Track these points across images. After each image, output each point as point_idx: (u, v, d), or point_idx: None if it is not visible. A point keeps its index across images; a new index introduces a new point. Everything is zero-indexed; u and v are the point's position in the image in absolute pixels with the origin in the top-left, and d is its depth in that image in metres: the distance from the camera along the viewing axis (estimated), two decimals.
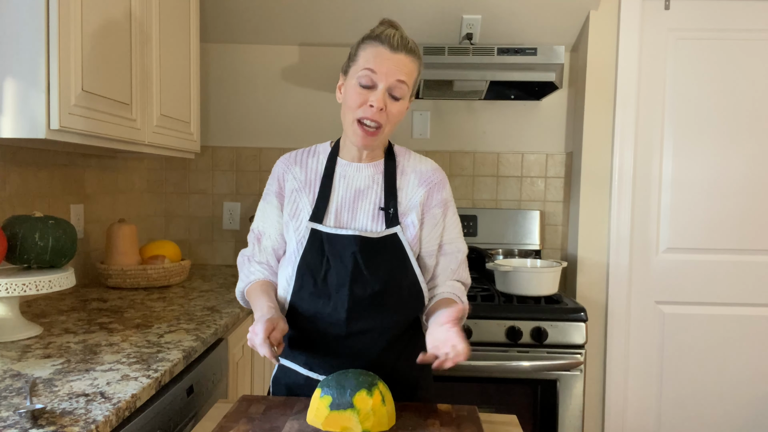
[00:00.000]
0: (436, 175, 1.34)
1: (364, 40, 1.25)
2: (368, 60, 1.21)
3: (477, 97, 2.69)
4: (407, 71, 1.22)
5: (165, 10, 2.02)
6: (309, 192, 1.32)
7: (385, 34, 1.22)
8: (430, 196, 1.32)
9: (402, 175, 1.33)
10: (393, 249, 1.27)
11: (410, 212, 1.30)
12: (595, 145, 2.57)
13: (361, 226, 1.28)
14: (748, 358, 2.57)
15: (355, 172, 1.32)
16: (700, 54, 2.53)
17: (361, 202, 1.29)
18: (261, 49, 2.76)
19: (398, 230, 1.28)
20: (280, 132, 2.78)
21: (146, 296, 2.01)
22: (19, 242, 1.45)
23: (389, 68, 1.20)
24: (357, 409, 1.03)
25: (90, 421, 0.97)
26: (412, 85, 1.25)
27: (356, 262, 1.23)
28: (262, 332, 1.10)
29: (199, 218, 2.83)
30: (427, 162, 1.37)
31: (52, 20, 1.41)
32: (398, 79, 1.21)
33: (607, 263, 2.58)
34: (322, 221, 1.28)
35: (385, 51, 1.21)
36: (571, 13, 2.54)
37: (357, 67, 1.23)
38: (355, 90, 1.22)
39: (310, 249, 1.26)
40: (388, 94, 1.22)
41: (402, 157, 1.35)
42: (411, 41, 1.24)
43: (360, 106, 1.22)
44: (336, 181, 1.32)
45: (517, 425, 1.17)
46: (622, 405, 2.59)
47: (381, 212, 1.28)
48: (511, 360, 2.09)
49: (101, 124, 1.62)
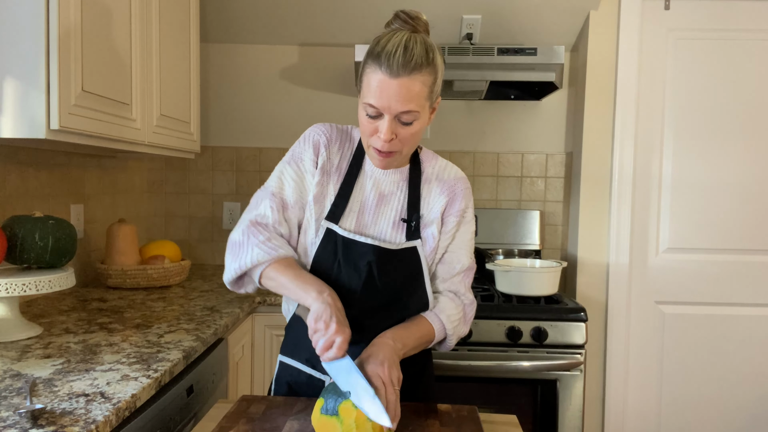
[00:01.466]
0: (459, 185, 1.27)
1: (367, 58, 1.13)
2: (370, 91, 1.11)
3: (477, 97, 2.69)
4: (413, 96, 1.10)
5: (165, 10, 2.02)
6: (336, 182, 1.23)
7: (386, 52, 1.09)
8: (450, 205, 1.26)
9: (426, 183, 1.27)
10: (409, 261, 1.23)
11: (431, 224, 1.25)
12: (595, 145, 2.57)
13: (380, 232, 1.23)
14: (748, 358, 2.57)
15: (383, 176, 1.25)
16: (700, 54, 2.53)
17: (385, 207, 1.24)
18: (261, 49, 2.76)
19: (418, 243, 1.23)
20: (280, 132, 2.78)
21: (146, 296, 2.01)
22: (19, 242, 1.45)
23: (390, 99, 1.09)
24: (340, 418, 0.99)
25: (90, 421, 0.97)
26: (426, 100, 1.13)
27: (371, 271, 1.19)
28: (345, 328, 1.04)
29: (199, 218, 2.83)
30: (452, 170, 1.30)
31: (52, 20, 1.41)
32: (403, 111, 1.10)
33: (607, 263, 2.58)
34: (338, 221, 1.21)
35: (385, 78, 1.08)
36: (571, 13, 2.55)
37: (362, 92, 1.14)
38: (364, 119, 1.15)
39: (324, 249, 1.21)
40: (398, 121, 1.12)
41: (428, 163, 1.29)
42: (417, 54, 1.09)
43: (371, 136, 1.16)
44: (363, 179, 1.25)
45: (517, 425, 1.17)
46: (622, 405, 2.59)
47: (402, 223, 1.24)
48: (511, 360, 2.09)
49: (101, 124, 1.62)
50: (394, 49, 1.08)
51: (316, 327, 1.04)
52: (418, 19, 1.14)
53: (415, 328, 1.21)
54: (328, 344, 1.02)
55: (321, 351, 1.03)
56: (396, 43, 1.09)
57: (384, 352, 1.09)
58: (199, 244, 2.83)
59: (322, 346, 1.02)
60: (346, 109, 2.75)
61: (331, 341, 1.02)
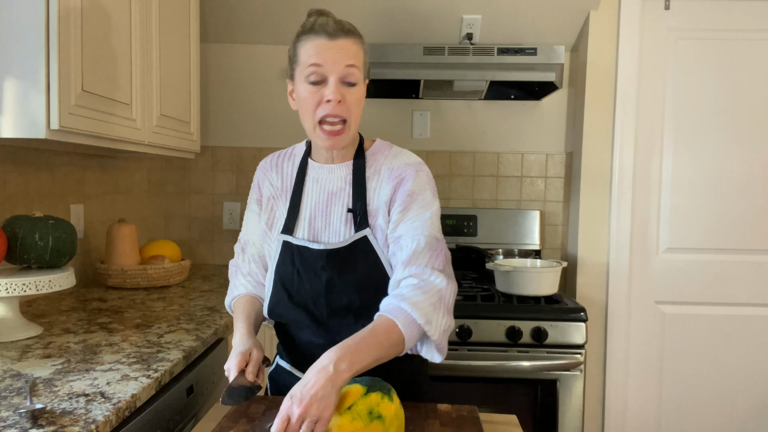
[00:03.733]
0: (406, 170, 1.22)
1: (298, 37, 1.19)
2: (310, 56, 1.15)
3: (477, 97, 2.69)
4: (353, 54, 1.16)
5: (165, 10, 2.02)
6: (285, 200, 1.28)
7: (318, 23, 1.16)
8: (396, 191, 1.21)
9: (376, 173, 1.24)
10: (364, 254, 1.20)
11: (378, 212, 1.21)
12: (595, 145, 2.57)
13: (334, 232, 1.22)
14: (748, 358, 2.57)
15: (328, 174, 1.26)
16: (700, 54, 2.53)
17: (335, 205, 1.24)
18: (261, 49, 2.76)
19: (368, 233, 1.20)
20: (280, 132, 2.78)
21: (146, 296, 2.01)
22: (19, 242, 1.45)
23: (334, 57, 1.14)
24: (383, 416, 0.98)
25: (90, 421, 0.97)
26: (363, 67, 1.19)
27: (329, 274, 1.20)
28: (235, 368, 1.08)
29: (199, 218, 2.83)
30: (402, 156, 1.25)
31: (52, 20, 1.41)
32: (347, 65, 1.14)
33: (607, 263, 2.58)
34: (293, 232, 1.24)
35: (324, 41, 1.14)
36: (571, 13, 2.55)
37: (301, 66, 1.17)
38: (307, 90, 1.16)
39: (283, 261, 1.24)
40: (342, 83, 1.15)
41: (379, 153, 1.26)
42: (347, 23, 1.18)
43: (317, 106, 1.15)
44: (308, 186, 1.27)
45: (517, 425, 1.17)
46: (622, 405, 2.59)
47: (350, 215, 1.23)
48: (511, 360, 2.09)
49: (101, 124, 1.62)
50: (325, 21, 1.17)
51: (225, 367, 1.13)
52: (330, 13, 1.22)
53: (369, 337, 1.03)
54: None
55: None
56: (324, 19, 1.18)
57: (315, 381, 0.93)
58: (199, 244, 2.83)
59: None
60: None
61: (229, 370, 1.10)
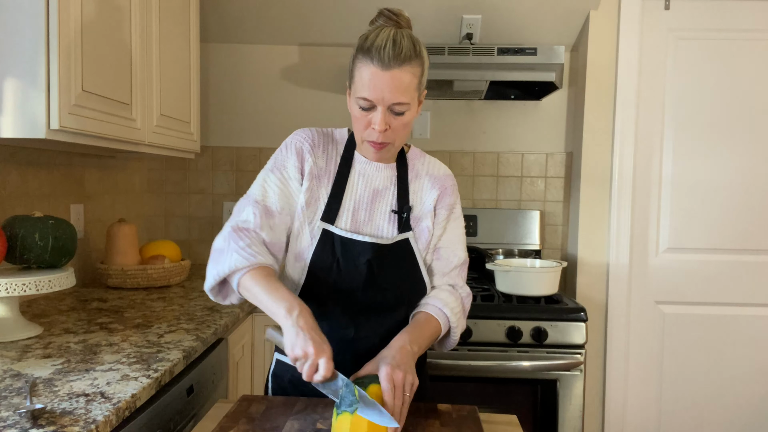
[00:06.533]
0: (448, 181, 1.33)
1: (357, 53, 1.16)
2: (363, 85, 1.14)
3: (477, 97, 2.69)
4: (404, 87, 1.13)
5: (165, 10, 2.02)
6: (327, 184, 1.26)
7: (376, 46, 1.12)
8: (441, 199, 1.31)
9: (416, 179, 1.31)
10: (404, 255, 1.25)
11: (425, 217, 1.29)
12: (595, 145, 2.57)
13: (376, 228, 1.25)
14: (748, 358, 2.57)
15: (375, 172, 1.27)
16: (700, 54, 2.53)
17: (379, 203, 1.27)
18: (261, 49, 2.76)
19: (410, 236, 1.26)
20: (280, 132, 2.78)
21: (146, 296, 2.01)
22: (19, 242, 1.45)
23: (383, 91, 1.12)
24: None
25: (90, 421, 0.97)
26: (415, 91, 1.18)
27: (370, 268, 1.21)
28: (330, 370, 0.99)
29: (199, 218, 2.83)
30: (441, 167, 1.35)
31: (52, 20, 1.41)
32: (395, 103, 1.14)
33: (607, 263, 2.58)
34: (334, 222, 1.23)
35: (377, 70, 1.12)
36: (571, 13, 2.55)
37: (354, 88, 1.17)
38: (358, 111, 1.18)
39: (321, 250, 1.22)
40: (390, 111, 1.16)
41: (417, 160, 1.33)
42: (405, 47, 1.13)
43: (366, 128, 1.18)
44: (354, 178, 1.27)
45: (517, 425, 1.17)
46: (622, 405, 2.59)
47: (394, 215, 1.26)
48: (511, 360, 2.09)
49: (101, 124, 1.62)
50: (383, 43, 1.12)
51: (294, 356, 1.02)
52: (400, 16, 1.19)
53: (426, 328, 1.20)
54: (312, 369, 1.00)
55: (308, 377, 1.01)
56: (384, 37, 1.13)
57: (401, 355, 1.09)
58: (199, 244, 2.83)
59: (307, 373, 1.01)
60: (346, 108, 2.74)
61: (315, 364, 1.00)
